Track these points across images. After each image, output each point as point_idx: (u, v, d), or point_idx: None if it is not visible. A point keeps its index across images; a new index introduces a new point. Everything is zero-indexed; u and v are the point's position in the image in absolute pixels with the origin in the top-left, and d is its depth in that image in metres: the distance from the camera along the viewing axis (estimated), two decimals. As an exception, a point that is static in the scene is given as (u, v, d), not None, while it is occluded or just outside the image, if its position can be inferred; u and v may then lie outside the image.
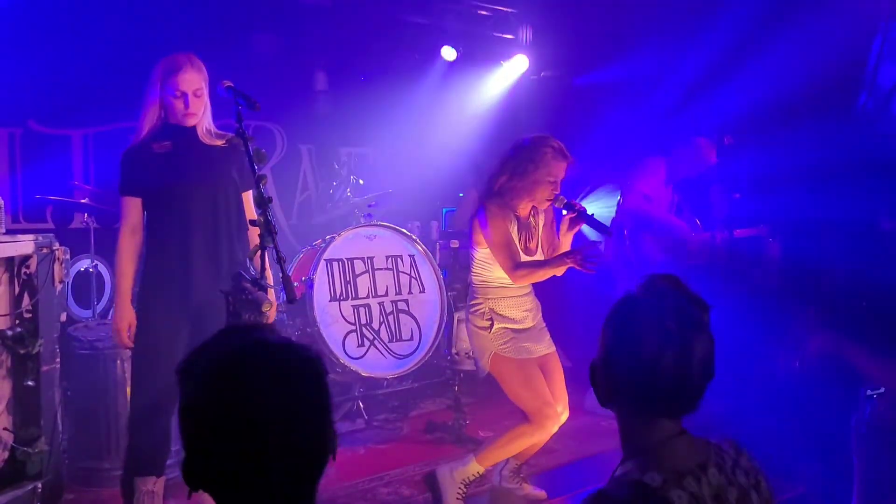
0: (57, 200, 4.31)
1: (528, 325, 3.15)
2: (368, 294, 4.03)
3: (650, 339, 1.33)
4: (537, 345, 3.17)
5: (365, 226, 4.20)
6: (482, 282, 3.15)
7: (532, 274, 3.07)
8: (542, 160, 3.02)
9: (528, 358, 3.11)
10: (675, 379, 1.33)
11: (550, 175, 3.03)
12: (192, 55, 2.87)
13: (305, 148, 5.75)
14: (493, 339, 3.10)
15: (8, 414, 2.71)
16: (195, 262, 2.84)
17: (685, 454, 1.36)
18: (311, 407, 1.12)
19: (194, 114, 2.84)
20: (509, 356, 3.09)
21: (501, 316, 3.11)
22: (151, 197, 2.85)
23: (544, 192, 3.05)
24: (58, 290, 2.88)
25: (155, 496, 2.86)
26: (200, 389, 1.10)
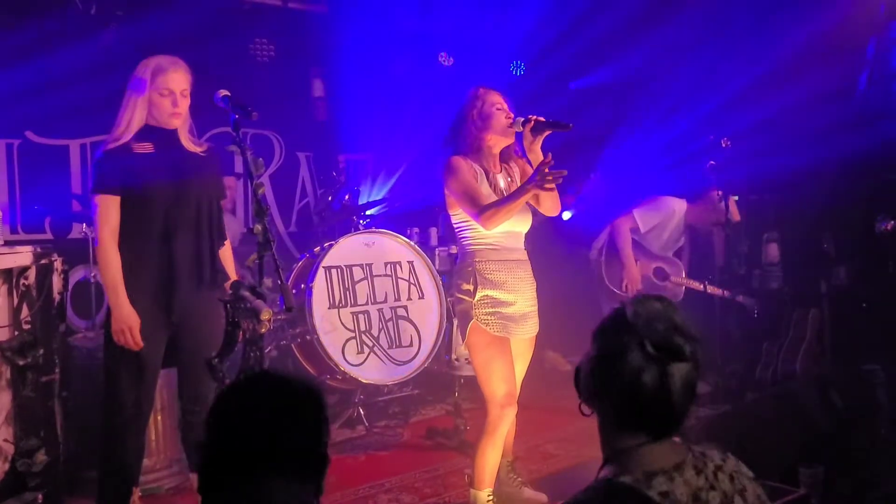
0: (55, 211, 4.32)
1: (515, 307, 3.02)
2: (367, 301, 4.04)
3: (632, 359, 1.35)
4: (520, 327, 3.05)
5: (363, 232, 4.20)
6: (467, 244, 3.06)
7: (499, 210, 2.90)
8: (479, 97, 3.03)
9: (503, 337, 2.99)
10: (654, 401, 1.35)
11: (494, 104, 3.02)
12: (177, 58, 2.85)
13: (303, 155, 5.76)
14: (476, 305, 2.98)
15: (8, 425, 2.71)
16: (179, 268, 2.82)
17: (658, 457, 1.36)
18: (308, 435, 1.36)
19: (180, 114, 2.82)
20: (485, 328, 2.97)
21: (487, 280, 2.98)
22: (132, 198, 2.78)
23: (498, 120, 3.01)
24: (56, 300, 2.88)
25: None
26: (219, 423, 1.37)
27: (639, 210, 4.82)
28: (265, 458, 1.30)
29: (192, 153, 2.90)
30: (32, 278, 2.77)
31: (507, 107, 3.04)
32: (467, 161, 3.01)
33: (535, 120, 2.96)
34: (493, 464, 3.06)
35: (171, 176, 2.83)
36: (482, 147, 3.04)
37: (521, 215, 3.05)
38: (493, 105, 3.02)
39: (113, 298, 2.75)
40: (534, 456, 3.89)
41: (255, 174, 2.60)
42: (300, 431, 1.34)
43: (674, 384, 1.34)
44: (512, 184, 3.09)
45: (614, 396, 1.39)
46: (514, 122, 3.00)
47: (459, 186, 2.96)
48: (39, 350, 2.73)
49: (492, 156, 3.08)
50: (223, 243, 3.01)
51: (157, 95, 2.78)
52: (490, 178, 3.04)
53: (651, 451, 1.37)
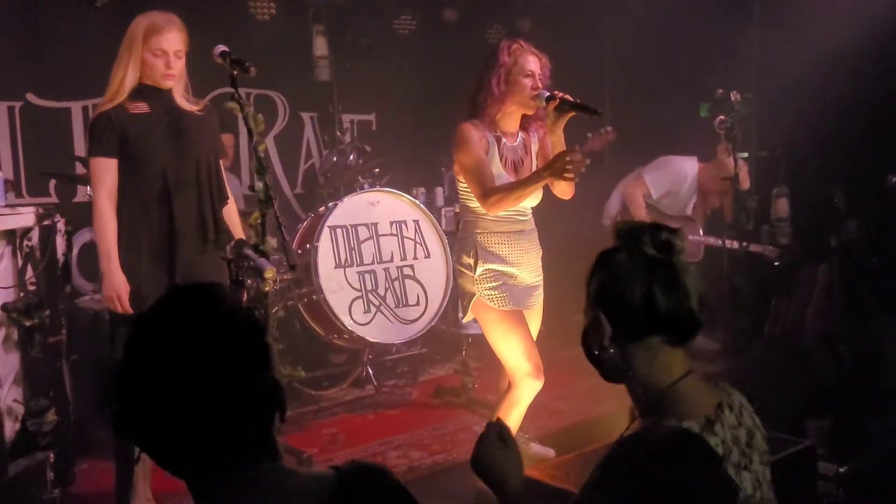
0: (59, 174, 4.30)
1: (521, 279, 2.89)
2: (373, 260, 4.02)
3: (636, 282, 1.35)
4: (528, 298, 2.93)
5: (368, 192, 4.17)
6: (469, 213, 2.90)
7: (506, 198, 2.72)
8: (510, 54, 2.77)
9: (514, 310, 2.85)
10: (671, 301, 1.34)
11: (524, 70, 2.76)
12: (172, 14, 2.79)
13: (308, 116, 5.70)
14: (478, 280, 2.84)
15: (17, 386, 2.73)
16: (181, 229, 2.80)
17: (698, 396, 1.37)
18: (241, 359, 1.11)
19: (173, 75, 2.77)
20: (492, 305, 2.83)
21: (489, 253, 2.83)
22: (129, 159, 2.75)
23: (524, 91, 2.76)
24: (61, 262, 2.88)
25: (147, 464, 2.90)
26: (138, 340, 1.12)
27: (649, 175, 4.77)
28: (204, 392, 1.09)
29: (188, 112, 2.86)
30: (36, 239, 2.76)
31: (542, 72, 2.80)
32: (480, 130, 2.81)
33: (560, 98, 2.70)
34: (513, 428, 2.99)
35: (168, 135, 2.80)
36: (499, 112, 2.83)
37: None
38: (523, 71, 2.76)
39: (105, 264, 2.71)
40: (542, 413, 3.91)
41: (256, 131, 2.58)
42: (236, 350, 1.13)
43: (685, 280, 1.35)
44: (526, 157, 2.92)
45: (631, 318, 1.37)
46: (538, 95, 2.75)
47: (469, 161, 2.79)
48: (45, 311, 2.73)
49: (509, 123, 2.88)
50: (226, 202, 2.98)
51: (150, 55, 2.72)
52: (501, 150, 2.85)
53: (689, 390, 1.36)
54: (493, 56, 2.81)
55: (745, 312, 4.92)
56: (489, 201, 2.74)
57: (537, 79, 2.78)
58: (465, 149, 2.79)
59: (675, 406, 1.35)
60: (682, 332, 1.37)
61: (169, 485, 3.17)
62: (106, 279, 2.71)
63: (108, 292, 2.71)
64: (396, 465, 3.44)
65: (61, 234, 2.86)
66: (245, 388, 1.09)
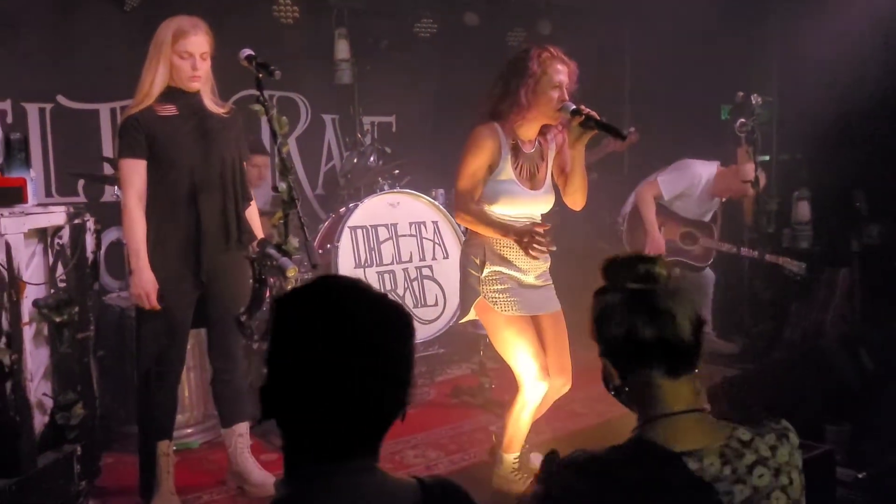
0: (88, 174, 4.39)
1: (529, 281, 2.84)
2: (393, 260, 4.07)
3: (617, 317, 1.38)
4: (537, 303, 2.86)
5: (388, 193, 4.22)
6: None
7: (472, 222, 2.78)
8: (540, 64, 2.69)
9: (520, 315, 2.80)
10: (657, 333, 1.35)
11: (552, 82, 2.68)
12: (198, 18, 2.87)
13: (329, 118, 5.77)
14: (484, 282, 2.79)
15: (46, 380, 2.79)
16: (206, 229, 2.86)
17: (675, 435, 1.35)
18: (396, 355, 1.14)
19: (199, 77, 2.84)
20: (497, 308, 2.78)
21: (497, 256, 2.78)
22: (157, 160, 2.82)
23: (550, 102, 2.69)
24: (90, 259, 2.95)
25: (171, 458, 2.97)
26: (293, 316, 1.14)
27: (663, 177, 4.76)
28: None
29: (214, 114, 2.94)
30: (66, 237, 2.83)
31: (569, 79, 2.73)
32: (495, 137, 2.76)
33: (586, 115, 2.64)
34: (524, 431, 3.00)
35: (195, 137, 2.88)
36: (521, 120, 2.76)
37: (544, 197, 2.88)
38: (552, 82, 2.69)
39: (134, 262, 2.80)
40: (559, 414, 3.91)
41: (280, 132, 2.64)
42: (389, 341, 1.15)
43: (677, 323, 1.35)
44: (542, 164, 2.88)
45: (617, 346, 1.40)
46: (563, 107, 2.69)
47: (467, 167, 2.77)
48: (75, 308, 2.79)
49: (529, 129, 2.82)
50: (249, 203, 3.05)
51: (177, 58, 2.80)
52: (517, 157, 2.81)
53: (674, 426, 1.35)
54: (521, 63, 2.73)
55: (765, 316, 4.91)
56: (459, 213, 2.82)
57: (564, 90, 2.72)
58: (470, 153, 2.76)
59: (665, 431, 1.34)
60: (677, 361, 1.36)
61: (191, 480, 3.24)
62: (135, 277, 2.79)
63: (137, 290, 2.79)
64: (413, 464, 3.48)
65: (91, 232, 2.93)
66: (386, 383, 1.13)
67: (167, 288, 2.83)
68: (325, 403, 1.10)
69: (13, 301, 2.52)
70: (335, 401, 1.10)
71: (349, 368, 1.09)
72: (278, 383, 1.13)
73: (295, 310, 1.15)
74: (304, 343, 1.11)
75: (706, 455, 1.31)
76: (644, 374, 1.38)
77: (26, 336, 2.62)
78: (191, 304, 2.94)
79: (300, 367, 1.11)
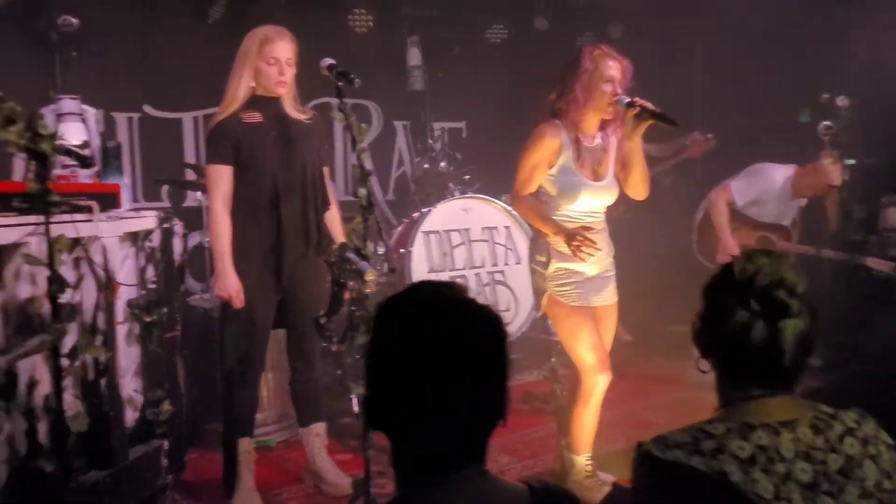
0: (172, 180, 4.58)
1: (591, 273, 2.95)
2: (465, 265, 4.10)
3: (738, 317, 1.35)
4: (598, 294, 2.99)
5: (461, 198, 4.25)
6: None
7: (525, 215, 3.01)
8: (592, 61, 2.82)
9: (583, 305, 2.94)
10: (762, 357, 1.34)
11: (604, 76, 2.81)
12: (283, 27, 2.97)
13: (400, 124, 5.85)
14: (550, 278, 2.92)
15: (137, 377, 2.92)
16: (287, 233, 2.94)
17: (769, 410, 1.36)
18: (495, 357, 1.15)
19: (285, 82, 2.93)
20: (562, 300, 2.92)
21: (560, 253, 2.89)
22: (242, 166, 2.92)
23: (603, 97, 2.82)
24: (177, 262, 3.07)
25: (251, 455, 3.06)
26: (388, 328, 1.16)
27: (736, 183, 4.64)
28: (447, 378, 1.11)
29: (297, 120, 3.02)
30: (156, 241, 2.96)
31: (623, 77, 2.84)
32: (556, 133, 2.88)
33: (640, 106, 2.76)
34: (590, 429, 3.06)
35: (278, 143, 2.96)
36: (579, 116, 2.90)
37: (607, 189, 2.97)
38: (604, 77, 2.82)
39: (220, 265, 2.90)
40: (631, 422, 3.88)
41: (359, 139, 2.70)
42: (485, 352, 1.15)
43: (784, 340, 1.34)
44: (605, 157, 2.97)
45: (723, 353, 1.40)
46: (618, 100, 2.82)
47: (525, 161, 2.90)
48: (163, 308, 2.92)
49: (589, 124, 2.94)
50: (328, 208, 3.12)
51: (263, 64, 2.90)
52: (579, 151, 2.91)
53: (763, 405, 1.36)
54: (575, 62, 2.87)
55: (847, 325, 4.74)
56: (513, 203, 2.99)
57: (617, 84, 2.83)
58: (528, 148, 2.90)
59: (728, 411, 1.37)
60: (777, 384, 1.37)
61: (269, 477, 3.33)
62: (220, 278, 2.89)
63: (222, 291, 2.89)
64: (486, 467, 3.49)
65: (178, 236, 3.06)
66: (489, 386, 1.14)
67: (249, 290, 2.92)
68: (431, 410, 1.11)
69: (109, 301, 2.64)
70: (441, 407, 1.11)
71: (453, 373, 1.11)
72: (382, 393, 1.15)
73: (396, 317, 1.16)
74: (406, 350, 1.12)
75: (799, 425, 1.33)
76: (741, 385, 1.38)
77: (119, 335, 2.75)
78: (272, 306, 3.03)
79: (404, 375, 1.12)
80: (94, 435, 2.49)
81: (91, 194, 2.59)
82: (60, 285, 2.23)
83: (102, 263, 2.62)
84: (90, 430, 2.41)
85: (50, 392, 2.36)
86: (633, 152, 2.89)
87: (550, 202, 2.94)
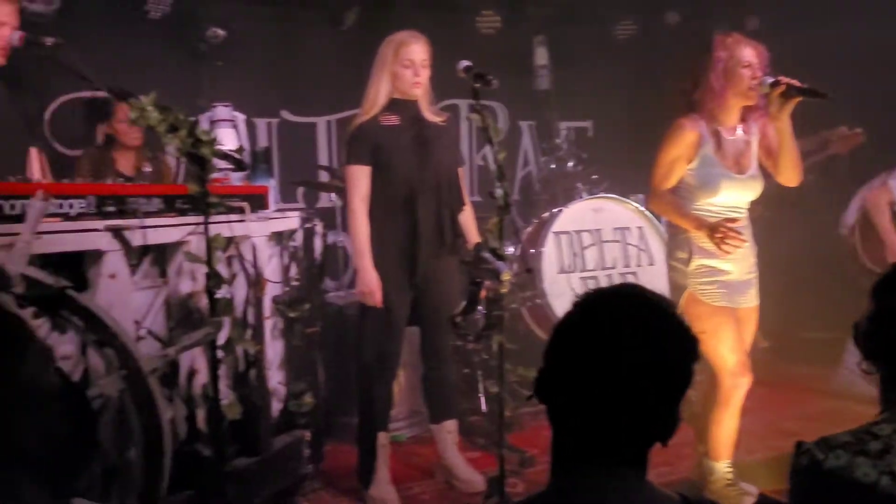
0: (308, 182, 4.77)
1: (734, 276, 2.85)
2: (596, 266, 4.04)
3: None
4: (741, 295, 2.89)
5: (592, 198, 4.20)
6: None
7: (664, 212, 2.99)
8: (725, 48, 2.75)
9: (725, 306, 2.84)
10: None
11: (741, 62, 2.73)
12: (417, 31, 3.06)
13: (526, 124, 5.84)
14: (691, 275, 2.84)
15: (281, 370, 3.06)
16: (422, 233, 3.01)
17: None
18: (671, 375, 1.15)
19: (421, 83, 3.01)
20: (704, 299, 2.83)
21: (703, 249, 2.81)
22: (380, 167, 3.01)
23: (742, 82, 2.74)
24: (318, 261, 3.20)
25: (387, 449, 3.14)
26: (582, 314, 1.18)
27: (895, 181, 4.34)
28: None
29: (432, 122, 3.09)
30: (299, 240, 3.10)
31: (759, 62, 2.76)
32: (695, 127, 2.81)
33: (786, 84, 2.67)
34: (730, 434, 2.96)
35: (414, 145, 3.04)
36: (718, 107, 2.81)
37: (751, 182, 2.88)
38: (741, 62, 2.75)
39: (359, 262, 3.00)
40: (770, 432, 3.71)
41: (495, 140, 2.71)
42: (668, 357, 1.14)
43: None
44: (747, 149, 2.88)
45: (893, 356, 1.33)
46: (761, 82, 2.73)
47: (663, 157, 2.85)
48: (305, 305, 3.05)
49: (729, 115, 2.86)
50: (462, 208, 3.16)
51: (399, 68, 2.99)
52: (720, 143, 2.83)
53: None
54: (708, 53, 2.80)
55: None
56: (652, 200, 2.97)
57: (756, 68, 2.74)
58: (666, 143, 2.84)
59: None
60: None
61: (401, 472, 3.40)
62: (360, 275, 3.00)
63: (362, 287, 2.99)
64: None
65: (319, 235, 3.18)
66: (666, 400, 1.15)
67: (387, 287, 3.00)
68: (605, 402, 1.12)
69: (258, 297, 2.79)
70: (615, 402, 1.11)
71: (637, 375, 1.11)
72: (558, 371, 1.17)
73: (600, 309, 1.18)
74: (599, 337, 1.14)
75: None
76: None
77: (266, 329, 2.90)
78: (407, 303, 3.10)
79: (587, 360, 1.13)
80: (243, 423, 2.62)
81: (243, 196, 2.73)
82: (218, 281, 2.38)
83: (252, 261, 2.77)
84: (241, 418, 2.55)
85: (207, 381, 2.52)
86: (782, 134, 2.78)
87: (690, 196, 2.86)
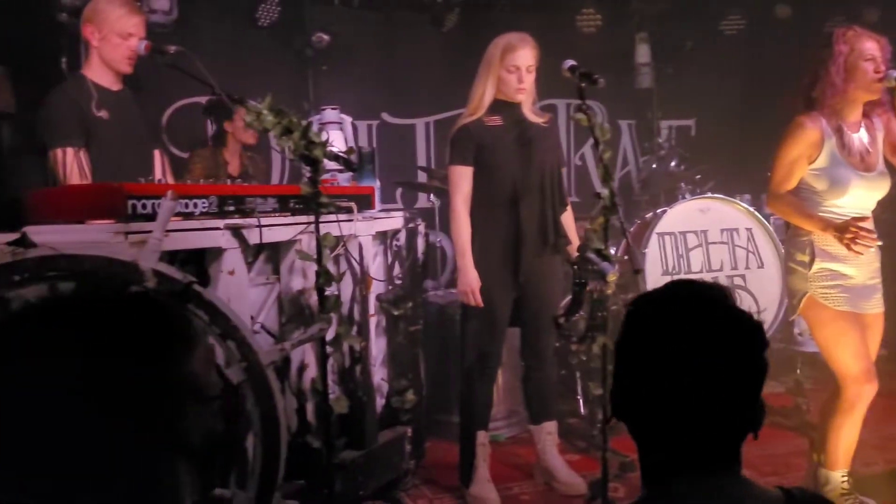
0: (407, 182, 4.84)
1: (857, 280, 2.74)
2: (702, 268, 3.93)
3: None
4: (866, 301, 2.77)
5: (698, 198, 4.09)
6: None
7: (783, 213, 2.83)
8: (845, 42, 2.65)
9: (849, 311, 2.73)
10: None
11: (863, 55, 2.64)
12: (526, 34, 3.04)
13: (626, 123, 5.74)
14: (812, 279, 2.75)
15: (384, 367, 3.13)
16: (525, 233, 3.01)
17: None
18: (742, 368, 1.12)
19: (524, 89, 3.00)
20: (826, 303, 2.73)
21: (825, 252, 2.72)
22: (483, 168, 3.03)
23: (866, 75, 2.64)
24: (420, 260, 3.24)
25: (487, 448, 3.15)
26: (637, 325, 1.17)
27: None
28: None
29: (535, 123, 3.08)
30: (403, 240, 3.15)
31: (882, 55, 2.67)
32: (815, 123, 2.71)
33: None
34: (850, 444, 2.83)
35: (517, 145, 3.05)
36: (840, 102, 2.71)
37: (878, 180, 2.75)
38: (863, 56, 2.65)
39: (461, 261, 3.03)
40: (891, 445, 3.50)
41: (602, 139, 2.68)
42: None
43: None
44: (872, 143, 2.77)
45: None
46: (886, 76, 2.64)
47: (782, 156, 2.75)
48: (408, 303, 3.09)
49: (852, 111, 2.75)
50: (565, 209, 3.14)
51: (504, 72, 2.99)
52: (844, 140, 2.72)
53: None
54: (827, 47, 2.71)
55: None
56: (770, 201, 2.84)
57: (879, 62, 2.66)
58: (786, 142, 2.75)
59: None
60: None
61: (500, 471, 3.41)
62: (461, 274, 3.02)
63: (463, 287, 3.02)
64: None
65: (421, 235, 3.23)
66: (740, 393, 1.12)
67: (489, 287, 3.02)
68: (683, 410, 1.10)
69: (363, 295, 2.86)
70: (694, 407, 1.10)
71: (702, 376, 1.09)
72: (630, 390, 1.15)
73: (653, 312, 1.17)
74: (658, 346, 1.12)
75: None
76: None
77: (370, 326, 2.96)
78: (509, 303, 3.10)
79: (652, 371, 1.12)
80: (349, 417, 2.69)
81: (350, 196, 2.80)
82: (327, 279, 2.45)
83: (359, 260, 2.83)
84: (347, 412, 2.62)
85: (315, 376, 2.60)
86: None
87: (814, 198, 2.77)
